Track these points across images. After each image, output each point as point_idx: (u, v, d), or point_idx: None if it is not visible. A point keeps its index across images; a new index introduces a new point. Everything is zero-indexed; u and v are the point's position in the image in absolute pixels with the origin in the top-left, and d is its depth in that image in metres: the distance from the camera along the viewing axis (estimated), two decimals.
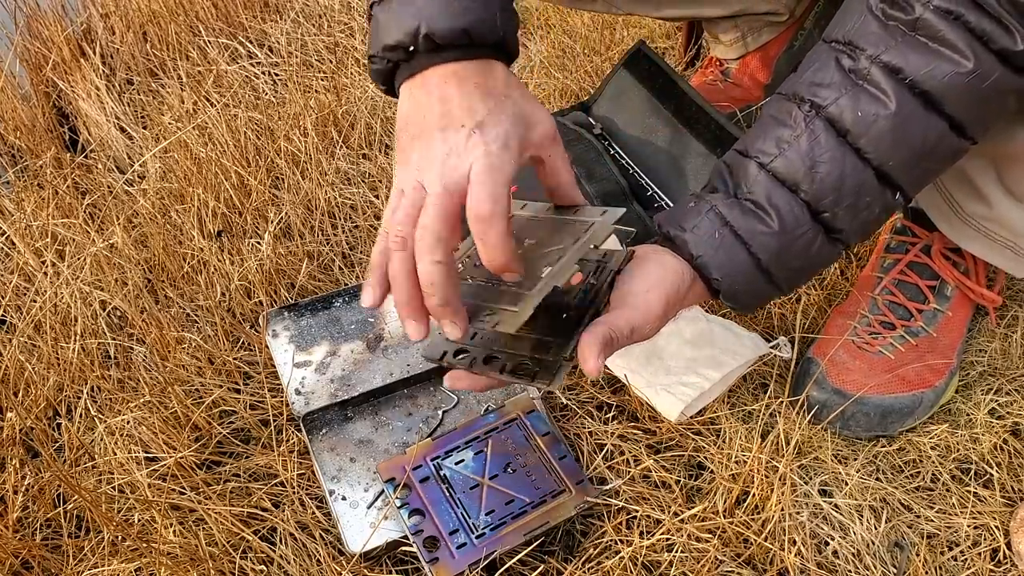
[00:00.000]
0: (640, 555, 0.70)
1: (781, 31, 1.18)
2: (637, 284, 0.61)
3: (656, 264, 0.62)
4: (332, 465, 0.79)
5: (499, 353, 0.60)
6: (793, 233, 0.61)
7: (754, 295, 0.64)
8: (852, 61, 0.60)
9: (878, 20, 0.59)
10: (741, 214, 0.62)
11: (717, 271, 0.62)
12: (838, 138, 0.60)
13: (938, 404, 0.84)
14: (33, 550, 0.71)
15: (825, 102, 0.60)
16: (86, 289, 0.93)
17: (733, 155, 0.65)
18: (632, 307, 0.59)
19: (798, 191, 0.61)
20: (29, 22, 1.37)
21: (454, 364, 0.61)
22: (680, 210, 0.65)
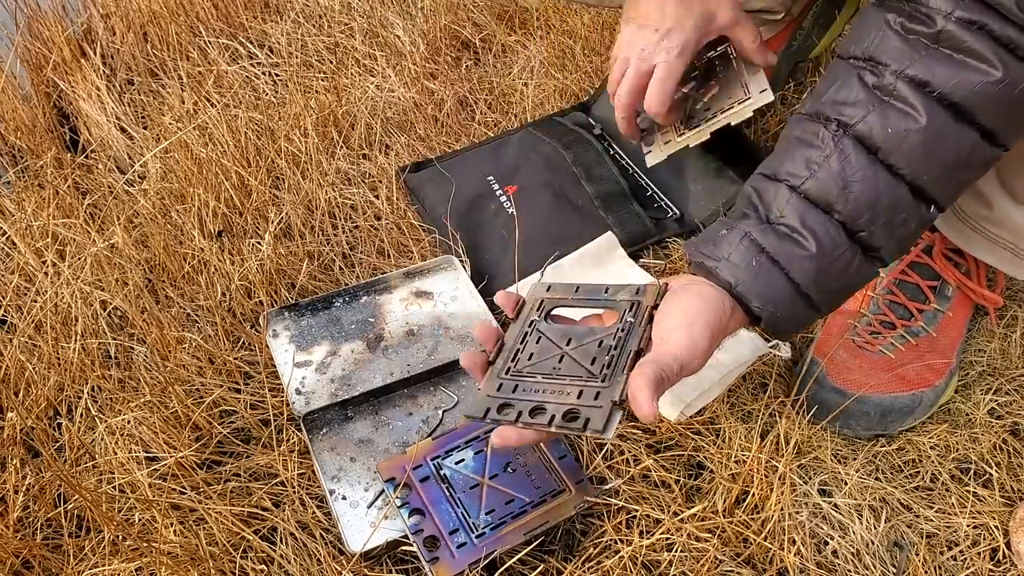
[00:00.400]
0: (640, 555, 0.70)
1: (778, 30, 1.18)
2: (679, 319, 0.59)
3: (695, 296, 0.61)
4: (332, 465, 0.79)
5: (545, 404, 0.58)
6: (831, 255, 0.60)
7: (795, 320, 0.63)
8: (876, 77, 0.59)
9: (898, 35, 0.59)
10: (777, 239, 0.61)
11: (757, 299, 0.61)
12: (869, 156, 0.59)
13: (938, 404, 0.84)
14: (34, 550, 0.71)
15: (852, 120, 0.60)
16: (87, 289, 0.93)
17: (760, 179, 0.65)
18: (677, 343, 0.57)
19: (832, 212, 0.60)
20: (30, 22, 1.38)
21: (499, 420, 0.59)
22: (711, 237, 0.64)
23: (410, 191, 1.08)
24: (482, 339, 0.65)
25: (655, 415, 0.53)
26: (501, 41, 1.38)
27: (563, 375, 0.59)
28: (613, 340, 0.60)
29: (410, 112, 1.22)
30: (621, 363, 0.58)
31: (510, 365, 0.62)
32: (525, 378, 0.60)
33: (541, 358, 0.62)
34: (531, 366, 0.61)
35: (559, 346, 0.62)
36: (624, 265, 0.98)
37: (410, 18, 1.43)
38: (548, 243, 0.99)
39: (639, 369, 0.55)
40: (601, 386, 0.57)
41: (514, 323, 0.66)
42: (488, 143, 1.15)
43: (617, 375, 0.57)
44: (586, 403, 0.56)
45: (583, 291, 0.67)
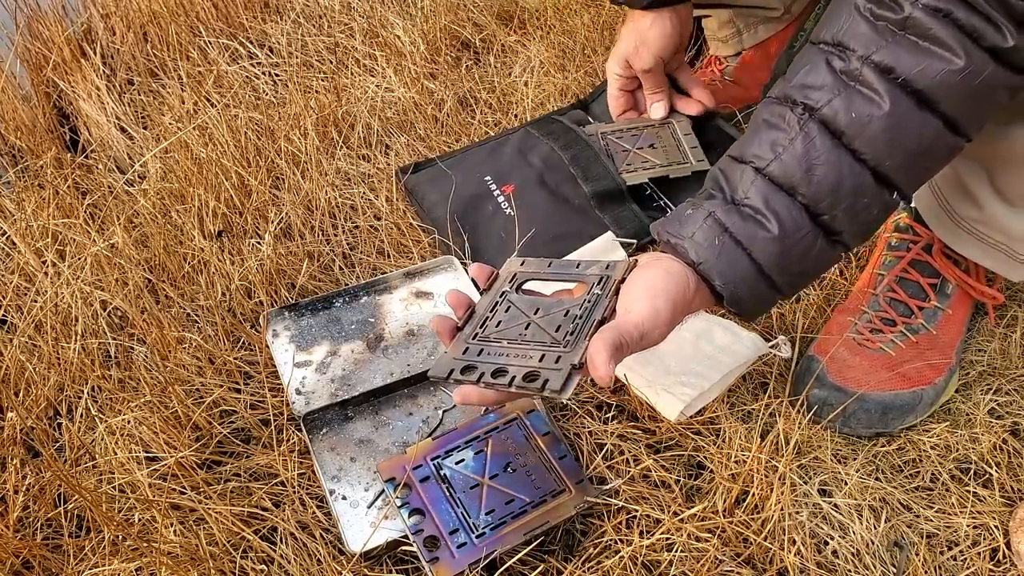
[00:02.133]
0: (640, 555, 0.70)
1: (779, 29, 1.18)
2: (642, 291, 0.61)
3: (661, 271, 0.62)
4: (332, 465, 0.79)
5: (508, 367, 0.60)
6: (793, 237, 0.61)
7: (757, 300, 0.64)
8: (843, 62, 0.60)
9: (867, 20, 0.59)
10: (740, 220, 0.62)
11: (719, 277, 0.62)
12: (833, 140, 0.60)
13: (938, 402, 0.84)
14: (34, 550, 0.71)
15: (818, 104, 0.60)
16: (87, 289, 0.93)
17: (728, 161, 0.65)
18: (639, 313, 0.59)
19: (795, 194, 0.61)
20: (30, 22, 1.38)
21: (463, 380, 0.61)
22: (678, 217, 0.65)
23: (408, 192, 1.08)
24: (453, 305, 0.67)
25: (610, 376, 0.55)
26: (501, 41, 1.38)
27: (528, 341, 0.62)
28: (579, 310, 0.63)
29: (410, 112, 1.22)
30: (585, 331, 0.60)
31: (478, 331, 0.65)
32: (491, 343, 0.63)
33: (508, 326, 0.64)
34: (497, 332, 0.64)
35: (527, 315, 0.64)
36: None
37: (410, 18, 1.43)
38: (546, 242, 0.99)
39: (599, 334, 0.57)
40: (563, 351, 0.59)
41: (485, 293, 0.69)
42: (486, 143, 1.15)
43: (580, 341, 0.59)
44: (547, 366, 0.59)
45: (556, 266, 0.69)
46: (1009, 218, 0.78)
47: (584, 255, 0.97)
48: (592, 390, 0.84)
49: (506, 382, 0.59)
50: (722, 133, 1.09)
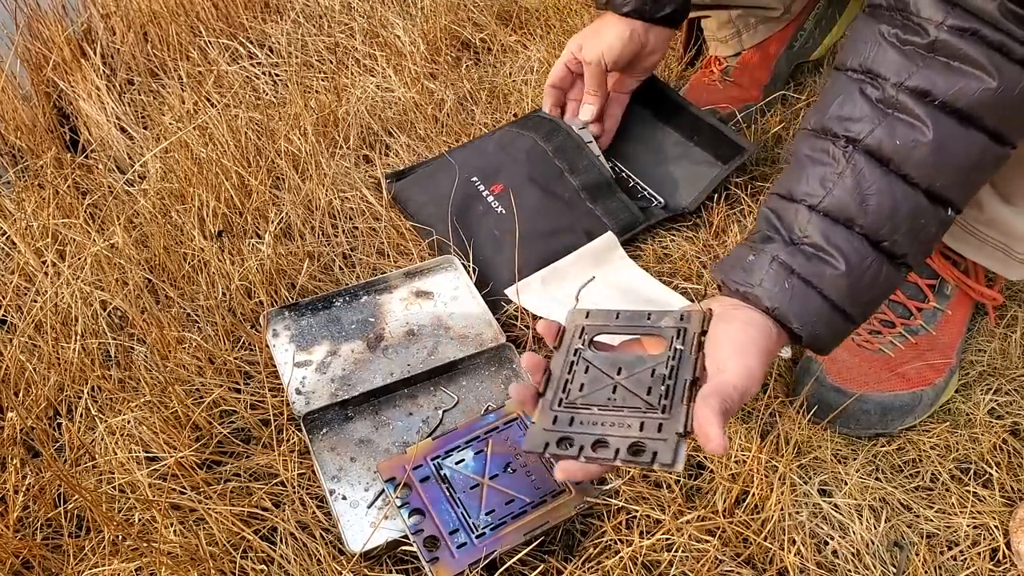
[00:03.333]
0: (640, 555, 0.70)
1: (779, 29, 1.18)
2: (731, 347, 0.59)
3: (742, 323, 0.61)
4: (332, 465, 0.79)
5: (607, 437, 0.57)
6: (859, 268, 0.61)
7: (834, 335, 0.63)
8: (877, 91, 0.60)
9: (894, 47, 0.59)
10: (805, 260, 0.61)
11: (796, 320, 0.61)
12: (881, 168, 0.60)
13: (938, 403, 0.84)
14: (34, 550, 0.71)
15: (860, 135, 0.60)
16: (87, 289, 0.93)
17: (777, 200, 0.65)
18: (735, 372, 0.57)
19: (853, 226, 0.60)
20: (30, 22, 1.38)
21: (560, 454, 0.58)
22: (740, 264, 0.64)
23: (395, 199, 1.08)
24: (529, 369, 0.64)
25: (725, 447, 0.53)
26: (501, 41, 1.38)
27: (620, 406, 0.59)
28: (666, 369, 0.60)
29: (410, 112, 1.22)
30: (679, 393, 0.58)
31: (561, 396, 0.61)
32: (580, 410, 0.60)
33: (593, 388, 0.61)
34: (584, 397, 0.61)
35: (610, 376, 0.61)
36: (624, 265, 0.98)
37: (410, 18, 1.43)
38: (539, 238, 0.99)
39: (705, 401, 0.55)
40: (663, 417, 0.57)
41: (557, 352, 0.65)
42: (465, 146, 1.15)
43: (677, 406, 0.57)
44: (650, 435, 0.56)
45: (624, 317, 0.66)
46: (1009, 217, 0.78)
47: (584, 255, 0.98)
48: None
49: (610, 456, 0.56)
50: (698, 121, 1.09)
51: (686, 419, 0.55)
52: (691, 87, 1.23)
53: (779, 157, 1.14)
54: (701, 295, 0.95)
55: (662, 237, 1.04)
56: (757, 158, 1.13)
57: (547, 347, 0.68)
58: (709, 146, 1.09)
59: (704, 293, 0.95)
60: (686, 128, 1.11)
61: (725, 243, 1.01)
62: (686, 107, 1.10)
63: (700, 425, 0.54)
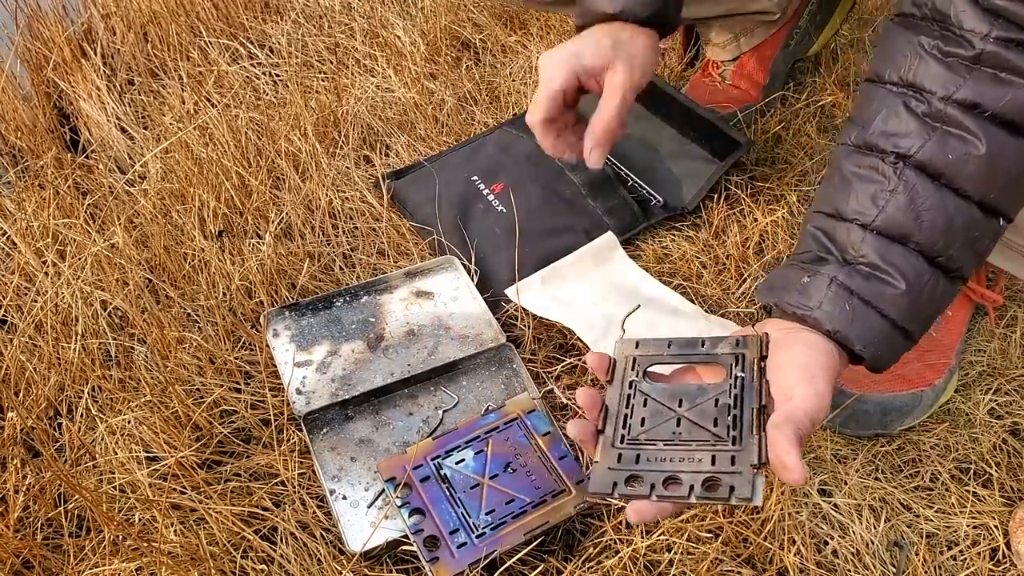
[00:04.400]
0: (640, 555, 0.70)
1: (775, 31, 1.18)
2: (797, 372, 0.58)
3: (804, 346, 0.60)
4: (333, 464, 0.79)
5: (678, 473, 0.55)
6: (918, 285, 0.60)
7: (896, 353, 0.63)
8: (923, 105, 0.59)
9: (936, 59, 0.59)
10: (863, 280, 0.60)
11: (859, 342, 0.60)
12: (934, 183, 0.59)
13: (937, 403, 0.84)
14: (34, 549, 0.72)
15: (910, 151, 0.59)
16: (87, 289, 0.93)
17: (824, 219, 0.64)
18: (803, 397, 0.56)
19: (908, 243, 0.60)
20: (30, 22, 1.38)
21: (630, 495, 0.55)
22: (793, 286, 0.63)
23: (394, 198, 1.08)
24: (586, 407, 0.61)
25: (805, 477, 0.52)
26: (501, 41, 1.38)
27: (687, 440, 0.57)
28: (730, 398, 0.58)
29: (410, 112, 1.22)
30: (747, 423, 0.56)
31: (623, 433, 0.59)
32: (645, 446, 0.57)
33: (656, 423, 0.59)
34: (647, 432, 0.58)
35: (671, 408, 0.59)
36: (625, 265, 0.98)
37: (410, 18, 1.43)
38: (539, 237, 0.99)
39: (779, 431, 0.53)
40: (734, 450, 0.55)
41: (611, 386, 0.63)
42: (464, 146, 1.15)
43: (747, 436, 0.55)
44: (723, 469, 0.54)
45: (677, 345, 0.64)
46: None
47: (584, 255, 0.98)
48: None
49: (684, 493, 0.54)
50: (694, 116, 1.09)
51: (759, 450, 0.54)
52: (691, 88, 1.24)
53: (779, 157, 1.14)
54: (701, 295, 0.95)
55: (662, 237, 1.04)
56: (757, 158, 1.13)
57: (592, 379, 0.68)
58: (706, 142, 1.08)
59: (703, 293, 0.96)
60: (682, 124, 1.11)
61: (725, 243, 1.01)
62: (682, 101, 1.10)
63: (777, 456, 0.52)
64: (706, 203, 1.05)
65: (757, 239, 1.00)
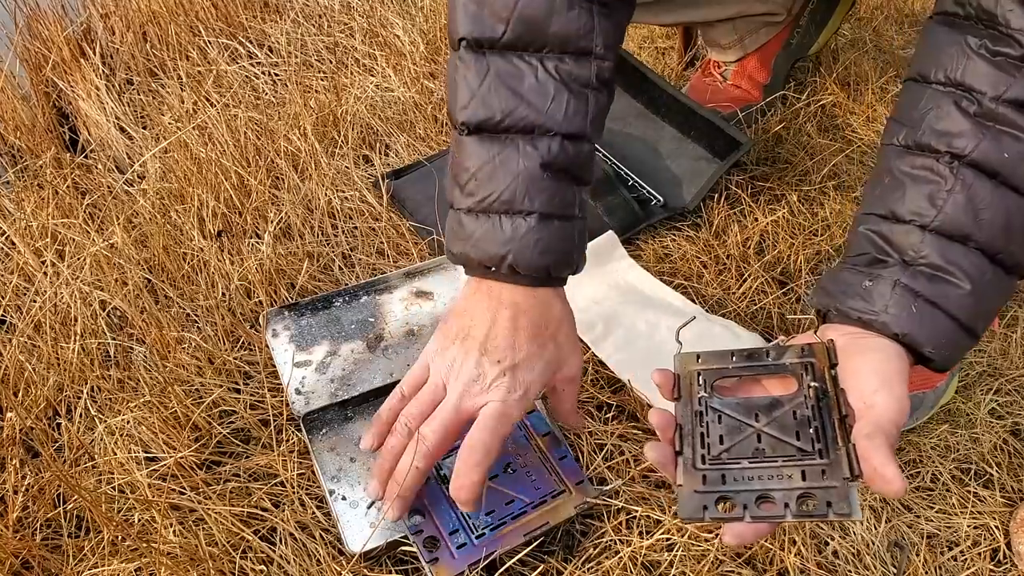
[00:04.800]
0: (640, 555, 0.70)
1: (779, 31, 1.18)
2: (874, 379, 0.57)
3: (876, 352, 0.59)
4: (332, 465, 0.79)
5: (770, 491, 0.54)
6: (981, 283, 0.60)
7: (961, 352, 0.62)
8: (975, 104, 0.59)
9: (984, 59, 0.59)
10: (928, 281, 0.60)
11: (928, 344, 0.59)
12: (991, 181, 0.59)
13: (938, 404, 0.84)
14: (33, 550, 0.71)
15: (966, 150, 0.59)
16: (86, 289, 0.93)
17: (879, 222, 0.63)
18: (887, 406, 0.55)
19: (969, 242, 0.60)
20: (29, 22, 1.38)
21: (724, 518, 0.54)
22: (852, 289, 0.62)
23: (393, 198, 1.08)
24: (659, 428, 0.60)
25: (905, 487, 0.51)
26: None
27: (772, 456, 0.56)
28: (808, 410, 0.57)
29: (410, 112, 1.22)
30: (830, 434, 0.55)
31: (702, 452, 0.57)
32: (729, 465, 0.56)
33: (735, 440, 0.57)
34: (729, 451, 0.57)
35: (749, 424, 0.58)
36: (626, 265, 0.98)
37: (410, 18, 1.43)
38: None
39: (871, 442, 0.52)
40: (823, 463, 0.54)
41: (679, 403, 0.61)
42: None
43: (834, 448, 0.54)
44: (816, 484, 0.53)
45: (740, 356, 0.62)
46: None
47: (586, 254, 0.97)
48: (592, 390, 0.84)
49: (779, 511, 0.52)
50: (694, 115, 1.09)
51: (850, 461, 0.53)
52: (692, 88, 1.23)
53: (780, 157, 1.14)
54: (701, 295, 0.95)
55: (662, 237, 1.04)
56: (757, 158, 1.13)
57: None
58: (706, 141, 1.08)
59: (704, 293, 0.95)
60: (683, 123, 1.11)
61: (725, 243, 1.00)
62: (682, 101, 1.10)
63: (875, 468, 0.52)
64: (706, 203, 1.05)
65: (757, 239, 1.00)
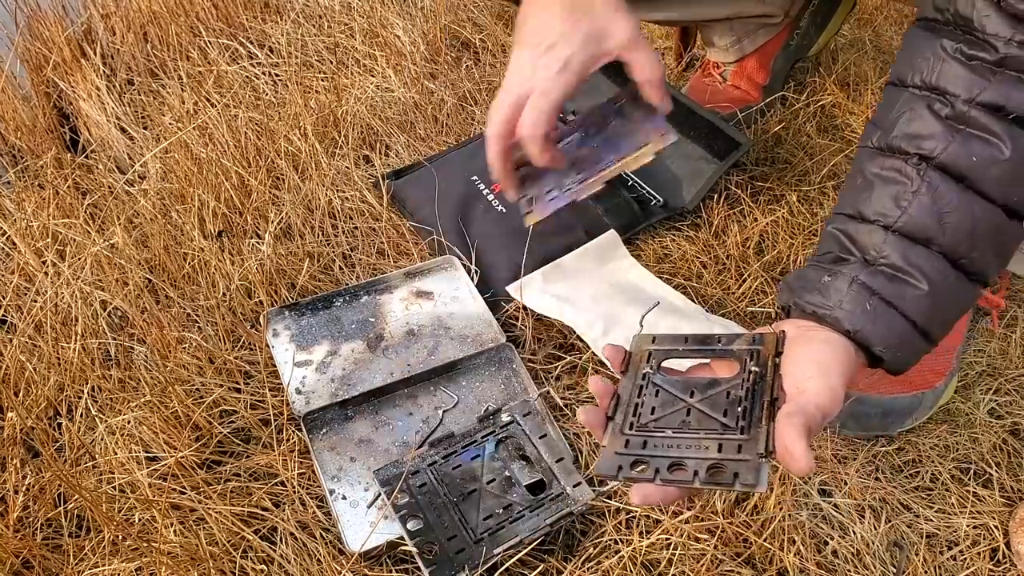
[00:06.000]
0: (639, 554, 0.70)
1: (778, 32, 1.18)
2: (812, 367, 0.57)
3: (822, 343, 0.59)
4: (332, 464, 0.79)
5: (684, 459, 0.55)
6: (942, 287, 0.60)
7: (915, 356, 0.62)
8: (947, 107, 0.59)
9: (960, 62, 0.59)
10: (886, 281, 0.60)
11: (880, 343, 0.60)
12: (958, 185, 0.59)
13: (937, 405, 0.84)
14: (34, 549, 0.71)
15: (934, 152, 0.59)
16: (87, 289, 0.93)
17: (846, 221, 0.64)
18: (817, 392, 0.55)
19: (931, 245, 0.60)
20: (30, 22, 1.38)
21: (635, 478, 0.55)
22: (813, 285, 0.62)
23: (393, 198, 1.08)
24: (597, 394, 0.62)
25: (812, 467, 0.51)
26: (501, 41, 1.38)
27: (696, 429, 0.57)
28: (742, 391, 0.58)
29: (410, 112, 1.22)
30: (757, 414, 0.56)
31: (632, 420, 0.59)
32: (653, 433, 0.58)
33: (666, 412, 0.59)
34: (657, 421, 0.59)
35: (683, 399, 0.60)
36: (627, 264, 0.98)
37: (410, 18, 1.43)
38: (540, 237, 0.99)
39: (788, 420, 0.53)
40: (742, 438, 0.55)
41: (624, 376, 0.63)
42: (464, 146, 1.14)
43: (756, 426, 0.55)
44: (729, 457, 0.54)
45: (693, 341, 0.64)
46: None
47: (587, 253, 0.98)
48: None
49: (688, 477, 0.54)
50: (692, 115, 1.08)
51: (767, 439, 0.54)
52: (691, 88, 1.23)
53: (779, 157, 1.14)
54: (701, 295, 0.95)
55: (662, 237, 1.04)
56: (757, 158, 1.13)
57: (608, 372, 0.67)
58: (705, 141, 1.08)
59: (704, 292, 0.95)
60: (683, 123, 1.11)
61: (725, 243, 1.01)
62: (682, 101, 1.10)
63: (785, 445, 0.52)
64: (706, 203, 1.05)
65: (757, 239, 1.00)
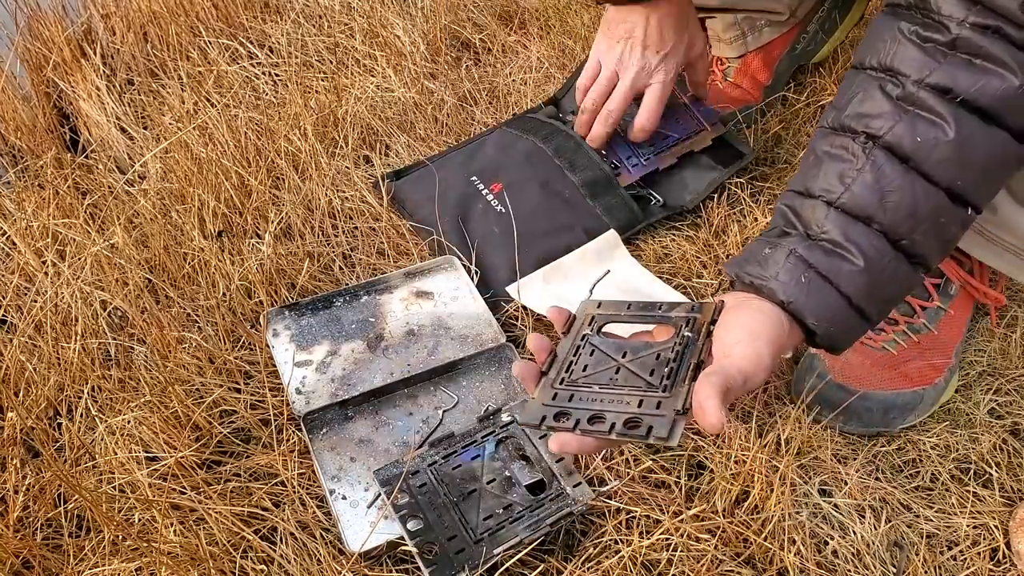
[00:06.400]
0: (640, 555, 0.70)
1: (783, 32, 1.18)
2: (740, 333, 0.58)
3: (755, 311, 0.60)
4: (332, 464, 0.79)
5: (604, 412, 0.57)
6: (879, 265, 0.60)
7: (850, 333, 0.63)
8: (898, 88, 0.59)
9: (914, 44, 0.59)
10: (824, 255, 0.61)
11: (811, 315, 0.60)
12: (902, 165, 0.59)
13: (938, 402, 0.84)
14: (34, 550, 0.71)
15: (880, 131, 0.59)
16: (87, 289, 0.93)
17: (793, 197, 0.64)
18: (741, 356, 0.56)
19: (872, 223, 0.60)
20: (30, 22, 1.37)
21: (556, 428, 0.58)
22: (755, 257, 0.63)
23: (393, 198, 1.08)
24: (535, 350, 0.64)
25: (722, 424, 0.52)
26: (501, 41, 1.38)
27: (621, 386, 0.59)
28: (671, 353, 0.60)
29: (410, 112, 1.22)
30: (681, 375, 0.58)
31: (564, 376, 0.62)
32: (581, 388, 0.60)
33: (596, 370, 0.61)
34: (586, 377, 0.61)
35: (614, 358, 0.62)
36: (627, 264, 0.98)
37: (410, 18, 1.43)
38: (540, 237, 0.99)
39: (705, 379, 0.54)
40: (662, 396, 0.57)
41: (565, 337, 0.66)
42: (463, 146, 1.15)
43: (678, 386, 0.57)
44: (648, 412, 0.56)
45: (635, 307, 0.66)
46: (1021, 219, 0.78)
47: (587, 253, 0.98)
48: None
49: (605, 429, 0.56)
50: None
51: (686, 398, 0.55)
52: None
53: (779, 157, 1.14)
54: (701, 294, 0.95)
55: (662, 237, 1.04)
56: (757, 159, 1.13)
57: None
58: (709, 149, 1.09)
59: (704, 292, 0.95)
60: None
61: (725, 243, 1.01)
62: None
63: (699, 400, 0.53)
64: (706, 203, 1.05)
65: None
